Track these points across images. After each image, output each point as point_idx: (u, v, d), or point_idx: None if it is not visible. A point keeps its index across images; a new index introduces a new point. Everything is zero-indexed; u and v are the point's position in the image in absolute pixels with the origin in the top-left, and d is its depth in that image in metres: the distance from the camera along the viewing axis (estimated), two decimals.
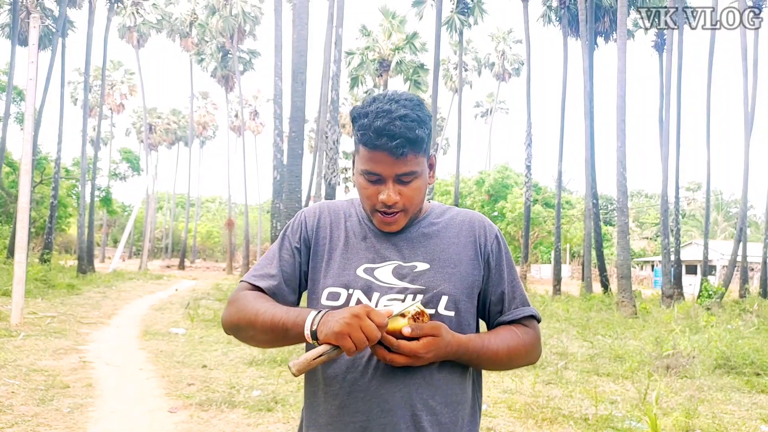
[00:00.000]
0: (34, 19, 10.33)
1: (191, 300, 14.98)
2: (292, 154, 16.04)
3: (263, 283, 1.48)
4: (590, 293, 21.77)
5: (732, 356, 7.89)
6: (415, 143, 1.37)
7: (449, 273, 1.44)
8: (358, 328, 1.22)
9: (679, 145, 23.16)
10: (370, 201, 1.42)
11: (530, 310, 1.52)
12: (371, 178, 1.40)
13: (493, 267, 1.49)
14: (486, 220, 1.54)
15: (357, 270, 1.44)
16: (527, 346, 1.49)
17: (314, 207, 1.58)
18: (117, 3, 32.03)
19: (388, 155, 1.35)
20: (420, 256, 1.45)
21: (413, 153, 1.38)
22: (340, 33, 18.58)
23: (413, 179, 1.40)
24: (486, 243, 1.49)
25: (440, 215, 1.54)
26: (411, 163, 1.38)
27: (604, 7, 25.44)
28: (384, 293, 1.41)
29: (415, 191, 1.41)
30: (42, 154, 27.77)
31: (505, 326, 1.49)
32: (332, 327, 1.24)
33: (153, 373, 6.77)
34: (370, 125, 1.36)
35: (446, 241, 1.48)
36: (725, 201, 58.54)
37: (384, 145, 1.34)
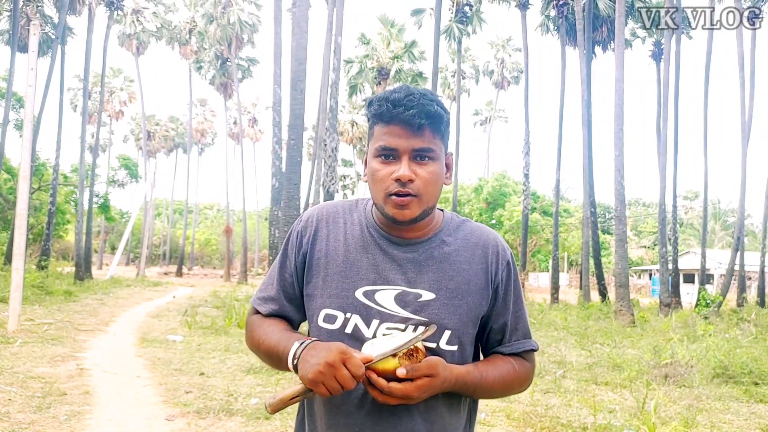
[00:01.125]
0: (34, 26, 10.35)
1: (189, 307, 14.95)
2: (290, 161, 16.06)
3: (264, 308, 1.47)
4: (588, 302, 21.76)
5: (730, 365, 7.89)
6: (433, 118, 1.30)
7: (455, 305, 1.36)
8: (332, 377, 1.18)
9: (676, 154, 23.26)
10: (383, 184, 1.32)
11: (531, 344, 1.47)
12: (386, 153, 1.31)
13: (500, 296, 1.42)
14: (500, 244, 1.44)
15: (356, 292, 1.36)
16: (521, 379, 1.45)
17: (311, 215, 1.48)
18: (117, 11, 32.14)
19: (404, 128, 1.29)
20: (426, 284, 1.36)
21: (431, 129, 1.31)
22: (339, 41, 18.64)
23: (430, 160, 1.32)
24: (497, 270, 1.41)
25: (453, 232, 1.43)
26: (428, 140, 1.31)
27: (601, 16, 25.56)
28: (384, 320, 1.34)
29: (431, 175, 1.32)
30: (40, 161, 27.75)
31: (502, 357, 1.45)
32: (306, 371, 1.21)
33: (150, 380, 6.75)
34: (388, 98, 1.31)
35: (456, 267, 1.39)
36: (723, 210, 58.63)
37: (400, 115, 1.28)
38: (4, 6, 27.36)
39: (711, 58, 24.33)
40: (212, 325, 11.59)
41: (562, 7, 26.71)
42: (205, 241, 61.59)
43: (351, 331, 1.35)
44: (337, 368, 1.18)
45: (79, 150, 25.99)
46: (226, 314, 12.92)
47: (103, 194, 33.58)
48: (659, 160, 22.28)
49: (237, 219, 54.45)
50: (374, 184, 1.35)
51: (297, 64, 16.00)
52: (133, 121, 54.58)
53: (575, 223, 40.13)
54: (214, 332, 10.86)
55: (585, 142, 22.51)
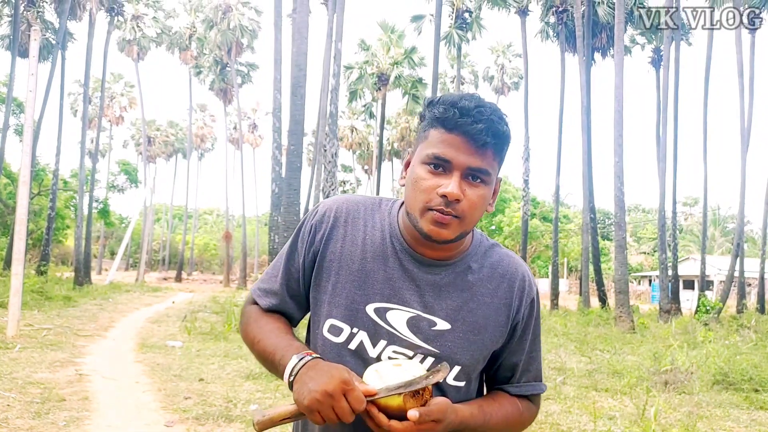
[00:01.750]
0: (35, 32, 10.37)
1: (188, 312, 14.92)
2: (290, 167, 16.06)
3: (264, 301, 1.37)
4: (588, 308, 21.74)
5: (730, 372, 7.88)
6: (500, 138, 1.18)
7: (470, 341, 1.26)
8: (329, 408, 1.08)
9: (676, 160, 23.31)
10: (426, 195, 1.18)
11: (540, 387, 1.38)
12: (438, 163, 1.18)
13: (517, 335, 1.32)
14: (528, 279, 1.33)
15: (367, 307, 1.25)
16: (524, 423, 1.36)
17: (330, 209, 1.33)
18: (117, 16, 32.21)
19: (466, 141, 1.16)
20: (443, 312, 1.25)
21: (494, 151, 1.19)
22: (339, 47, 18.69)
23: (482, 183, 1.20)
24: (520, 308, 1.31)
25: (481, 258, 1.31)
26: (488, 161, 1.18)
27: (601, 23, 25.64)
28: (392, 342, 1.24)
29: (479, 199, 1.20)
30: (40, 166, 27.77)
31: (509, 397, 1.35)
32: (303, 397, 1.10)
33: (149, 386, 6.73)
34: (456, 103, 1.17)
35: (478, 299, 1.28)
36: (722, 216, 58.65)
37: (466, 126, 1.15)
38: (5, 11, 27.44)
39: (711, 64, 24.42)
40: (211, 330, 11.57)
41: (562, 14, 26.80)
42: (205, 246, 61.55)
43: (355, 347, 1.25)
44: (336, 399, 1.08)
45: (79, 155, 26.03)
46: (226, 320, 12.89)
47: (102, 199, 33.60)
48: (659, 166, 22.32)
49: (236, 224, 54.42)
50: (415, 193, 1.21)
51: (297, 69, 16.03)
52: (133, 127, 54.61)
53: (575, 229, 40.16)
54: (214, 338, 10.85)
55: (584, 148, 22.54)
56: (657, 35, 27.09)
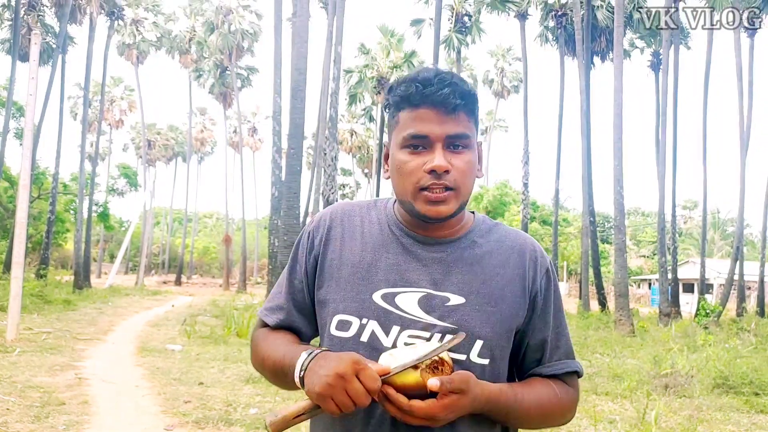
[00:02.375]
0: (35, 36, 10.40)
1: (188, 316, 14.91)
2: (290, 170, 16.07)
3: (271, 318, 1.31)
4: (588, 311, 21.73)
5: (731, 375, 7.87)
6: (468, 98, 1.15)
7: (488, 312, 1.18)
8: (342, 391, 1.02)
9: (675, 164, 23.32)
10: (414, 177, 1.15)
11: (575, 365, 1.28)
12: (416, 143, 1.15)
13: (539, 308, 1.24)
14: (538, 249, 1.28)
15: (374, 295, 1.20)
16: (564, 408, 1.25)
17: (325, 214, 1.31)
18: (117, 20, 32.26)
19: (437, 110, 1.13)
20: (455, 286, 1.19)
21: (466, 112, 1.16)
22: (339, 51, 18.72)
23: (465, 149, 1.16)
24: (536, 278, 1.24)
25: (485, 233, 1.27)
26: (464, 124, 1.16)
27: (600, 27, 25.69)
28: (405, 327, 1.17)
29: (467, 165, 1.16)
30: (40, 169, 27.76)
31: (541, 380, 1.25)
32: (314, 384, 1.05)
33: (149, 390, 6.72)
34: (415, 78, 1.16)
35: (489, 270, 1.22)
36: (722, 219, 58.67)
37: (432, 96, 1.13)
38: (6, 15, 27.48)
39: (710, 68, 24.45)
40: (211, 334, 11.56)
41: (561, 18, 26.85)
42: (204, 249, 61.51)
43: (367, 339, 1.18)
44: (348, 380, 1.01)
45: (79, 159, 26.05)
46: (225, 323, 12.89)
47: (102, 203, 33.58)
48: (658, 169, 22.33)
49: (236, 228, 54.46)
50: (401, 179, 1.18)
51: (297, 73, 16.06)
52: (133, 130, 54.65)
53: (574, 233, 40.17)
54: (213, 341, 10.84)
55: (584, 152, 22.56)
56: (656, 39, 27.13)
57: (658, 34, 26.04)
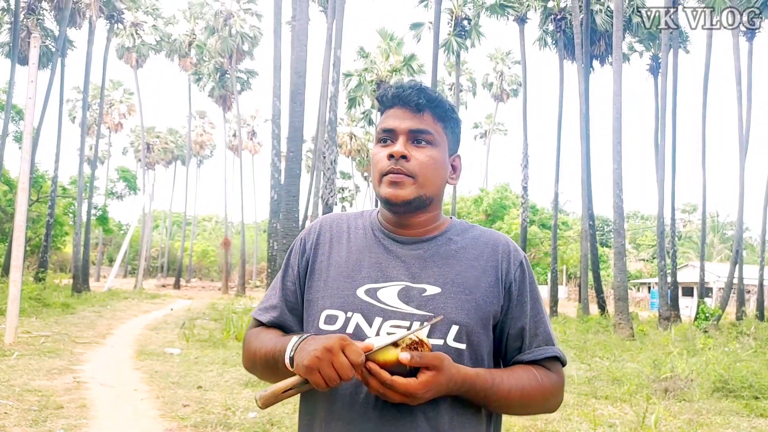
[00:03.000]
0: (35, 39, 10.40)
1: (186, 320, 14.89)
2: (289, 173, 16.06)
3: (265, 317, 1.40)
4: (587, 315, 21.72)
5: (730, 379, 7.86)
6: (433, 101, 1.30)
7: (462, 300, 1.27)
8: (329, 364, 1.10)
9: (674, 167, 23.32)
10: (380, 164, 1.30)
11: (554, 350, 1.35)
12: (384, 136, 1.31)
13: (514, 297, 1.32)
14: (512, 244, 1.37)
15: (358, 290, 1.30)
16: (546, 392, 1.32)
17: (315, 223, 1.45)
18: (116, 24, 32.29)
19: (404, 108, 1.30)
20: (431, 278, 1.29)
21: (432, 114, 1.30)
22: (338, 54, 18.73)
23: (428, 144, 1.30)
24: (509, 269, 1.33)
25: (461, 233, 1.37)
26: (428, 122, 1.30)
27: (599, 31, 25.73)
28: (387, 318, 1.26)
29: (428, 158, 1.29)
30: (39, 172, 27.75)
31: (523, 366, 1.32)
32: (303, 358, 1.13)
33: (147, 393, 6.71)
34: (393, 85, 1.34)
35: (463, 263, 1.32)
36: (721, 223, 58.69)
37: (401, 95, 1.29)
38: (5, 19, 27.50)
39: (709, 72, 24.48)
40: (210, 337, 11.54)
41: (560, 22, 26.89)
42: (203, 253, 61.48)
43: (353, 330, 1.27)
44: (335, 354, 1.10)
45: (78, 162, 26.06)
46: (224, 327, 12.87)
47: (101, 206, 33.56)
48: (657, 173, 22.34)
49: (235, 231, 54.41)
50: (373, 168, 1.34)
51: (296, 77, 16.07)
52: (133, 133, 54.70)
53: (574, 236, 40.15)
54: (212, 345, 10.82)
55: (583, 156, 22.57)
56: (655, 43, 27.18)
57: (657, 38, 26.10)
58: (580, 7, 23.05)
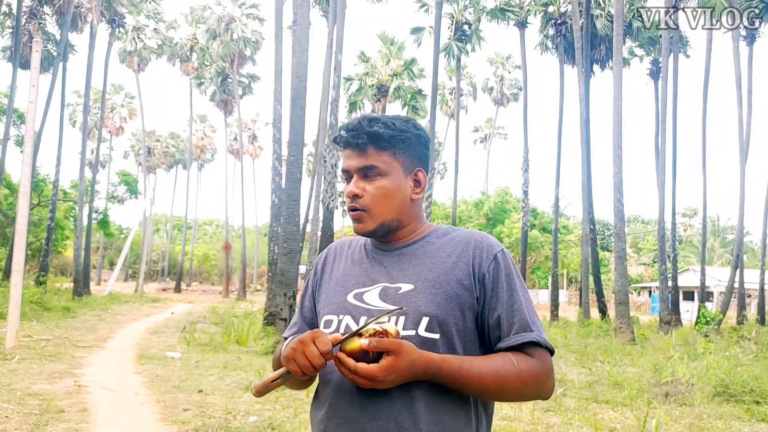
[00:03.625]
0: (36, 43, 10.44)
1: (187, 323, 14.89)
2: (290, 177, 16.06)
3: (288, 332, 1.59)
4: (588, 319, 21.69)
5: (731, 384, 7.85)
6: (373, 137, 1.41)
7: (433, 293, 1.37)
8: (302, 353, 1.27)
9: (675, 172, 23.34)
10: (346, 202, 1.47)
11: (532, 336, 1.34)
12: (345, 176, 1.47)
13: (488, 289, 1.38)
14: (488, 240, 1.44)
15: (348, 296, 1.46)
16: (524, 377, 1.32)
17: (328, 247, 1.64)
18: (118, 28, 32.35)
19: (351, 149, 1.43)
20: (406, 277, 1.42)
21: (375, 147, 1.42)
22: (339, 59, 18.77)
23: (378, 176, 1.43)
24: (482, 263, 1.39)
25: (441, 236, 1.48)
26: (373, 157, 1.42)
27: (599, 35, 25.76)
28: (371, 316, 1.38)
29: (379, 190, 1.43)
30: (40, 176, 27.80)
31: (501, 353, 1.36)
32: (283, 350, 1.34)
33: (148, 397, 6.71)
34: (342, 127, 1.47)
35: (437, 261, 1.42)
36: (722, 227, 58.65)
37: (344, 139, 1.43)
38: (7, 23, 27.57)
39: (709, 76, 24.50)
40: (211, 341, 11.54)
41: (561, 26, 26.93)
42: (204, 256, 61.46)
43: (343, 330, 1.41)
44: (306, 344, 1.27)
45: (79, 166, 26.06)
46: (225, 331, 12.87)
47: (102, 210, 33.60)
48: (658, 177, 22.35)
49: (236, 235, 54.39)
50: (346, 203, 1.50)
51: (297, 81, 16.08)
52: (134, 137, 54.73)
53: (574, 240, 40.15)
54: (213, 349, 10.82)
55: (584, 160, 22.58)
56: (655, 47, 27.22)
57: (657, 42, 26.14)
58: (581, 11, 23.10)
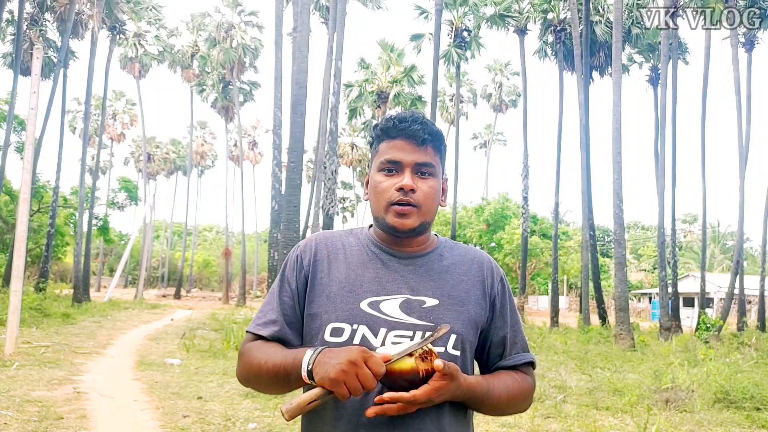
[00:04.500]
0: (37, 50, 10.47)
1: (187, 330, 14.87)
2: (290, 184, 16.10)
3: (265, 331, 1.44)
4: (588, 325, 21.66)
5: (731, 390, 7.84)
6: (436, 136, 1.40)
7: (458, 311, 1.39)
8: (354, 376, 1.17)
9: (674, 178, 23.34)
10: (386, 194, 1.39)
11: (530, 357, 1.51)
12: (390, 167, 1.39)
13: (497, 309, 1.47)
14: (492, 262, 1.52)
15: (361, 303, 1.37)
16: (524, 394, 1.47)
17: (310, 240, 1.51)
18: (119, 35, 32.45)
19: (409, 142, 1.38)
20: (429, 291, 1.40)
21: (433, 147, 1.41)
22: (339, 66, 18.81)
23: (430, 176, 1.40)
24: (493, 284, 1.47)
25: (449, 249, 1.49)
26: (431, 156, 1.40)
27: (599, 42, 25.84)
28: (391, 328, 1.35)
29: (431, 189, 1.40)
30: (41, 183, 27.81)
31: (506, 371, 1.47)
32: (328, 372, 1.19)
33: (148, 404, 6.70)
34: (394, 117, 1.41)
35: (456, 277, 1.44)
36: (722, 233, 58.63)
37: (406, 129, 1.37)
38: (8, 30, 27.65)
39: (708, 83, 24.56)
40: (210, 348, 11.52)
41: (560, 33, 27.01)
42: (204, 263, 61.43)
43: (359, 341, 1.35)
44: (359, 366, 1.18)
45: (79, 172, 26.07)
46: (225, 337, 12.84)
47: (102, 216, 33.58)
48: (657, 183, 22.36)
49: (236, 241, 54.38)
50: (376, 196, 1.41)
51: (297, 87, 16.13)
52: (134, 144, 54.79)
53: (574, 246, 40.09)
54: (212, 355, 10.80)
55: (583, 166, 22.60)
56: (654, 54, 27.28)
57: (656, 49, 26.19)
58: (580, 18, 23.17)
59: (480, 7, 29.31)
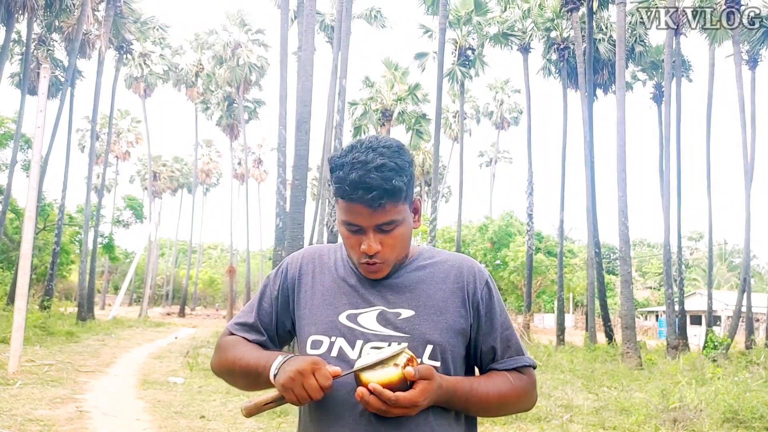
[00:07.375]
0: (44, 70, 10.57)
1: (191, 348, 14.81)
2: (294, 201, 16.11)
3: (241, 333, 1.51)
4: (594, 343, 21.49)
5: (740, 409, 7.74)
6: (392, 194, 1.33)
7: (435, 321, 1.39)
8: (300, 385, 1.24)
9: (680, 195, 23.25)
10: (354, 253, 1.40)
11: (526, 360, 1.48)
12: (351, 228, 1.37)
13: (483, 316, 1.44)
14: (476, 266, 1.48)
15: (340, 316, 1.41)
16: (520, 393, 1.45)
17: (298, 254, 1.55)
18: (125, 54, 32.77)
19: (365, 207, 1.32)
20: (404, 303, 1.41)
21: (392, 203, 1.34)
22: (343, 84, 18.93)
23: (394, 227, 1.37)
24: (476, 290, 1.44)
25: (428, 259, 1.48)
26: (390, 213, 1.35)
27: (602, 60, 25.94)
28: (367, 341, 1.38)
29: (397, 239, 1.38)
30: (46, 201, 27.95)
31: (498, 372, 1.45)
32: (280, 378, 1.28)
33: (150, 423, 6.65)
34: (346, 178, 1.32)
35: (433, 287, 1.43)
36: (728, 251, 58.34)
37: (360, 198, 1.31)
38: (16, 50, 27.95)
39: (712, 100, 24.58)
40: None
41: (563, 51, 27.15)
42: (209, 281, 61.40)
43: (337, 353, 1.38)
44: (306, 377, 1.24)
45: (85, 190, 26.19)
46: None
47: (107, 234, 33.69)
48: (663, 200, 22.28)
49: (241, 259, 54.44)
50: (346, 248, 1.43)
51: (302, 106, 16.21)
52: (140, 162, 55.11)
53: (580, 264, 39.92)
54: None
55: (588, 183, 22.58)
56: (658, 71, 27.37)
57: (659, 67, 26.27)
58: (583, 36, 23.29)
59: (484, 27, 29.50)
